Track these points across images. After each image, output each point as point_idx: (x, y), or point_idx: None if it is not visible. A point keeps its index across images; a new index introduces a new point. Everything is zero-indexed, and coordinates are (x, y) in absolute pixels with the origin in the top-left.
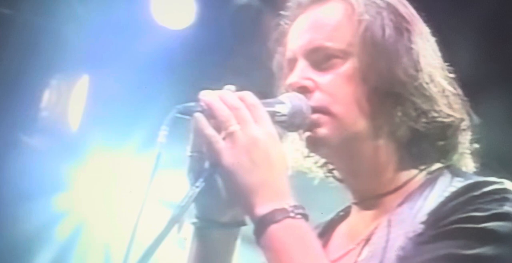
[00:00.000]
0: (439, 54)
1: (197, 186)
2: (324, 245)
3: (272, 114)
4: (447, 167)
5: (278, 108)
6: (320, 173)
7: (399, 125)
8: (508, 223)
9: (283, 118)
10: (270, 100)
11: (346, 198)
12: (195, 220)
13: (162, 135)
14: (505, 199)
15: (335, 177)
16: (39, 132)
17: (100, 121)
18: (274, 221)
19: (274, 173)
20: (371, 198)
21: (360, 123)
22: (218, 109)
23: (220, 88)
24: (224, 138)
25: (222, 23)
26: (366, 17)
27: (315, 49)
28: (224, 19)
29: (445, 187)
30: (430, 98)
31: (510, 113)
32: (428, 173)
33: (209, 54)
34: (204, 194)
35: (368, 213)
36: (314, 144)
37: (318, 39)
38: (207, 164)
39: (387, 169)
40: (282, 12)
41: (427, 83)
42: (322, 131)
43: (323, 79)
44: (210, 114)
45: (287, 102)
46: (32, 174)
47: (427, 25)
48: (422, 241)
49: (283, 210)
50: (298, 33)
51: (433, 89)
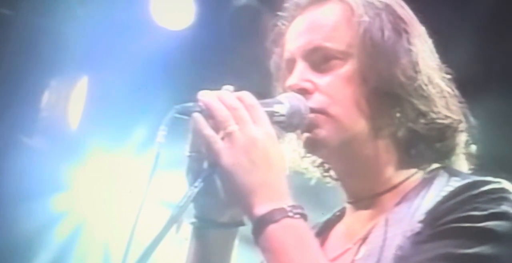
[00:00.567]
0: (436, 55)
1: (195, 186)
2: (321, 245)
3: (271, 114)
4: (444, 167)
5: (276, 108)
6: (317, 173)
7: (397, 126)
8: (506, 222)
9: (282, 118)
10: (268, 100)
11: (343, 198)
12: (193, 220)
13: (160, 135)
14: (502, 199)
15: (331, 177)
16: (39, 133)
17: (100, 122)
18: (273, 221)
19: (272, 173)
20: (367, 197)
21: (359, 124)
22: (216, 109)
23: (218, 89)
24: (222, 138)
25: (221, 23)
26: (365, 18)
27: (314, 49)
28: (223, 20)
29: (442, 186)
30: (428, 99)
31: (506, 113)
32: (425, 173)
33: (208, 54)
34: (202, 194)
35: (364, 213)
36: (313, 145)
37: (317, 39)
38: (205, 164)
39: (384, 170)
40: (279, 13)
41: (425, 85)
42: (321, 132)
43: (322, 80)
44: (208, 114)
45: (286, 102)
46: (32, 174)
47: (424, 26)
48: (420, 240)
49: (281, 210)
50: (296, 34)
51: (431, 91)
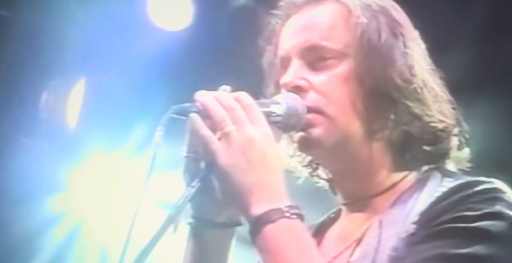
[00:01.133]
0: (429, 60)
1: (192, 187)
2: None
3: (268, 115)
4: (437, 168)
5: (273, 109)
6: (305, 173)
7: (392, 128)
8: (500, 222)
9: (279, 118)
10: (265, 101)
11: (334, 199)
12: (191, 220)
13: (157, 135)
14: (496, 198)
15: (319, 177)
16: (38, 133)
17: (98, 122)
18: (270, 221)
19: (269, 173)
20: (361, 199)
21: (353, 125)
22: (213, 110)
23: (216, 89)
24: (219, 139)
25: (219, 24)
26: (363, 20)
27: (310, 48)
28: (221, 21)
29: (435, 187)
30: (423, 103)
31: (502, 114)
32: (419, 174)
33: (206, 55)
34: (200, 194)
35: (359, 215)
36: (307, 144)
37: (313, 38)
38: (202, 165)
39: (378, 171)
40: (273, 11)
41: (421, 88)
42: (316, 132)
43: (318, 79)
44: (205, 114)
45: (283, 102)
46: (30, 174)
47: (421, 29)
48: (414, 241)
49: (278, 210)
50: (292, 32)
51: (426, 94)
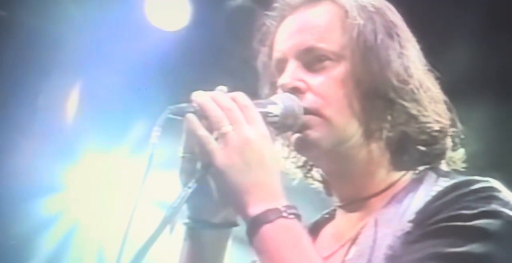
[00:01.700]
0: (424, 60)
1: (189, 187)
2: None
3: (265, 115)
4: (432, 168)
5: (270, 109)
6: (299, 174)
7: (389, 129)
8: (496, 221)
9: (275, 118)
10: (262, 101)
11: (328, 200)
12: (187, 220)
13: (154, 136)
14: (492, 197)
15: (314, 178)
16: (34, 133)
17: (94, 122)
18: (267, 221)
19: (266, 173)
20: (357, 200)
21: (351, 127)
22: (210, 110)
23: (212, 89)
24: (216, 139)
25: (216, 24)
26: (359, 21)
27: (307, 49)
28: (218, 21)
29: (431, 186)
30: (419, 103)
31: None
32: (414, 174)
33: (203, 55)
34: (196, 195)
35: (354, 215)
36: (304, 146)
37: (310, 39)
38: (199, 165)
39: (375, 173)
40: (267, 12)
41: (417, 88)
42: (313, 133)
43: (315, 80)
44: (202, 115)
45: (279, 103)
46: (27, 175)
47: (419, 29)
48: (410, 240)
49: (276, 210)
50: (288, 34)
51: (422, 94)
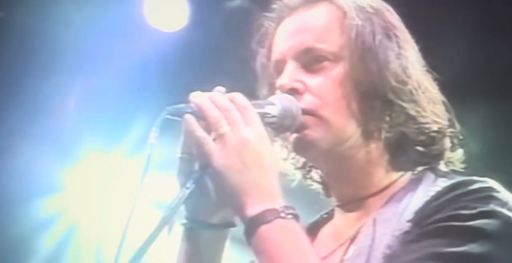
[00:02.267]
0: (422, 61)
1: (187, 188)
2: None
3: (262, 116)
4: (430, 168)
5: (268, 110)
6: (298, 175)
7: (387, 130)
8: (494, 221)
9: (273, 119)
10: (260, 102)
11: (327, 201)
12: (185, 221)
13: (152, 136)
14: (490, 197)
15: (313, 179)
16: (33, 134)
17: (93, 123)
18: (265, 221)
19: (264, 174)
20: (355, 200)
21: (349, 127)
22: (208, 111)
23: (210, 90)
24: (214, 140)
25: (214, 25)
26: (358, 22)
27: (305, 50)
28: (216, 21)
29: (429, 186)
30: (418, 104)
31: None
32: (412, 174)
33: (201, 56)
34: (194, 195)
35: (352, 215)
36: (302, 147)
37: (309, 40)
38: (197, 166)
39: (373, 173)
40: (266, 13)
41: (415, 89)
42: (311, 134)
43: (313, 81)
44: (200, 115)
45: (277, 103)
46: (26, 175)
47: (418, 29)
48: (408, 239)
49: (273, 210)
50: (287, 35)
51: (421, 95)
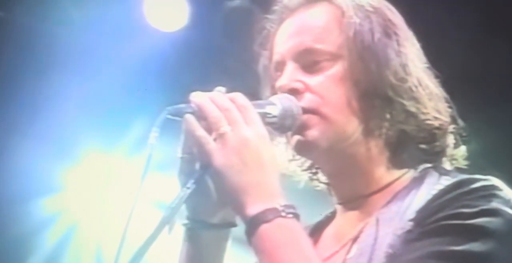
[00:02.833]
0: (424, 58)
1: (188, 188)
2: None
3: (263, 116)
4: (433, 167)
5: (268, 110)
6: (305, 177)
7: (388, 127)
8: (496, 219)
9: (274, 119)
10: (260, 102)
11: (331, 201)
12: (186, 221)
13: (152, 136)
14: (492, 196)
15: (319, 180)
16: (33, 134)
17: (93, 123)
18: (266, 220)
19: (265, 173)
20: (357, 198)
21: (350, 125)
22: (208, 111)
23: (211, 90)
24: (215, 139)
25: (214, 25)
26: (356, 20)
27: (304, 51)
28: (216, 21)
29: (432, 185)
30: (418, 101)
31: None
32: (415, 172)
33: (201, 56)
34: (194, 195)
35: (354, 214)
36: (304, 147)
37: (307, 41)
38: (198, 166)
39: (375, 171)
40: (267, 16)
41: (416, 86)
42: (312, 133)
43: (313, 80)
44: (200, 115)
45: (278, 103)
46: (26, 175)
47: (419, 28)
48: (411, 238)
49: (274, 209)
50: (286, 36)
51: (421, 92)
